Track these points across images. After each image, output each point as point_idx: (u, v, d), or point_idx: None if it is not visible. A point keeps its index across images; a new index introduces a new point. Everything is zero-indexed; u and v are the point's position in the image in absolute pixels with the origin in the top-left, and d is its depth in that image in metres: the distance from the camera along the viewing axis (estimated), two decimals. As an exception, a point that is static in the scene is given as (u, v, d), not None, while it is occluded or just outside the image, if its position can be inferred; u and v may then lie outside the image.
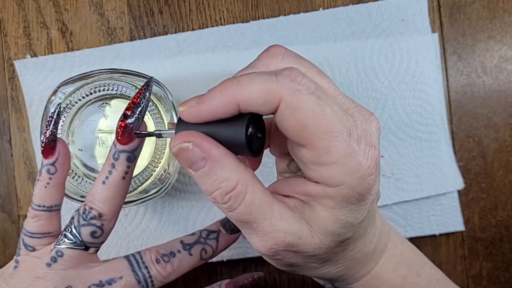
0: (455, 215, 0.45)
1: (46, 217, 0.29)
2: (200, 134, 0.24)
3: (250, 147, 0.24)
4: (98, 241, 0.29)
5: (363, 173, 0.23)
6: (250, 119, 0.23)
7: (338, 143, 0.23)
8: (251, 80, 0.23)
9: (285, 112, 0.22)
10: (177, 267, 0.30)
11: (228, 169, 0.24)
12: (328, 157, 0.23)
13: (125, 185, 0.28)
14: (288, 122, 0.23)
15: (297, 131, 0.23)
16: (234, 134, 0.23)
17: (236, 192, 0.24)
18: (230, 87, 0.23)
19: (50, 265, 0.28)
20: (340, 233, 0.25)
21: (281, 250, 0.25)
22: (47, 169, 0.29)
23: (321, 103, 0.23)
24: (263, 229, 0.25)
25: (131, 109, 0.26)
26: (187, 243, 0.31)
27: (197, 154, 0.24)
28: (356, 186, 0.23)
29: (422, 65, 0.44)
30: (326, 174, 0.23)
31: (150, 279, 0.29)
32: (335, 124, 0.23)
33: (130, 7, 0.44)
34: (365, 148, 0.23)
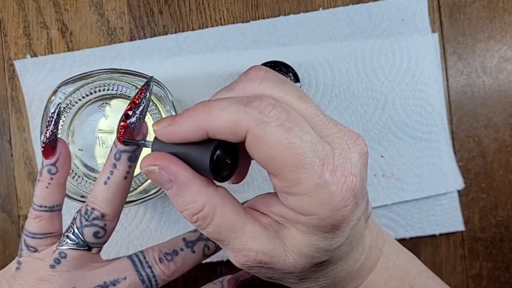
0: (455, 215, 0.45)
1: (48, 217, 0.29)
2: (168, 156, 0.24)
3: (216, 172, 0.24)
4: (101, 241, 0.29)
5: (335, 205, 0.23)
6: (217, 146, 0.24)
7: (308, 175, 0.22)
8: (221, 108, 0.23)
9: (252, 143, 0.23)
10: (181, 265, 0.30)
11: (194, 192, 0.24)
12: (298, 189, 0.23)
13: (126, 185, 0.28)
14: (257, 153, 0.23)
15: (266, 163, 0.23)
16: (200, 158, 0.24)
17: (203, 215, 0.24)
18: (200, 113, 0.23)
19: (54, 266, 0.28)
20: (314, 256, 0.25)
21: (254, 266, 0.26)
22: (48, 169, 0.29)
23: (290, 135, 0.22)
24: (234, 247, 0.25)
25: (132, 109, 0.26)
26: (190, 240, 0.31)
27: (164, 177, 0.24)
28: (327, 217, 0.23)
29: (422, 65, 0.44)
30: (296, 204, 0.23)
31: (154, 279, 0.29)
32: (305, 155, 0.22)
33: (130, 7, 0.44)
34: (340, 179, 0.23)
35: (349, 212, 0.24)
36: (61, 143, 0.29)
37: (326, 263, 0.26)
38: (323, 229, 0.24)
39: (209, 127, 0.23)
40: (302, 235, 0.24)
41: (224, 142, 0.24)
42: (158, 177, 0.24)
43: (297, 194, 0.23)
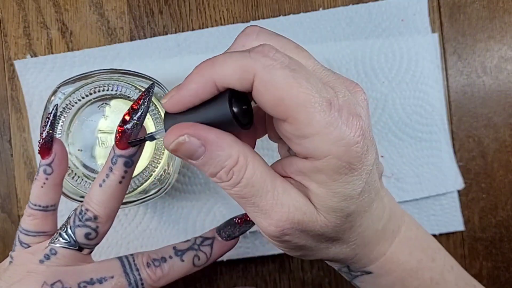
0: (455, 215, 0.45)
1: (41, 216, 0.29)
2: (191, 123, 0.24)
3: (238, 121, 0.24)
4: (92, 243, 0.29)
5: (348, 141, 0.23)
6: (230, 94, 0.23)
7: (317, 114, 0.22)
8: (225, 58, 0.23)
9: (260, 87, 0.22)
10: (168, 272, 0.30)
11: (227, 147, 0.24)
12: (309, 129, 0.23)
13: (121, 189, 0.28)
14: (265, 98, 0.23)
15: (274, 106, 0.23)
16: (219, 112, 0.23)
17: (239, 166, 0.24)
18: (205, 67, 0.23)
19: (43, 261, 0.28)
20: (342, 207, 0.25)
21: (287, 229, 0.25)
22: (44, 170, 0.29)
23: (296, 75, 0.22)
24: (266, 203, 0.24)
25: (130, 115, 0.26)
26: (180, 249, 0.31)
27: (195, 143, 0.24)
28: (342, 155, 0.23)
29: (422, 65, 0.44)
30: (310, 146, 0.23)
31: (140, 282, 0.29)
32: (312, 95, 0.22)
33: (130, 7, 0.44)
34: (347, 117, 0.23)
35: (362, 150, 0.23)
36: (57, 144, 0.29)
37: (354, 215, 0.26)
38: (341, 170, 0.24)
39: (217, 78, 0.23)
40: (324, 187, 0.24)
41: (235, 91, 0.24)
42: (188, 146, 0.24)
43: (309, 136, 0.23)
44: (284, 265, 0.45)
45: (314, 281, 0.45)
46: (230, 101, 0.23)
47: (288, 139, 0.24)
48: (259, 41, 0.25)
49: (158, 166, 0.35)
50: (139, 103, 0.27)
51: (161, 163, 0.35)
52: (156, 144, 0.35)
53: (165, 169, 0.36)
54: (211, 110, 0.24)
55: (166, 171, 0.36)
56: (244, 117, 0.24)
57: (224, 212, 0.44)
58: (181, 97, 0.24)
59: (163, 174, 0.36)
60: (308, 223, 0.25)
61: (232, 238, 0.32)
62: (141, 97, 0.27)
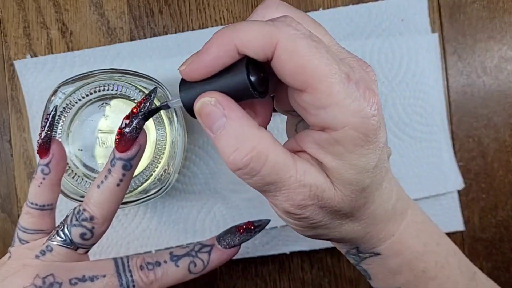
0: (455, 215, 0.45)
1: (38, 215, 0.30)
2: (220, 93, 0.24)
3: (255, 88, 0.24)
4: (87, 243, 0.29)
5: (365, 113, 0.23)
6: (248, 61, 0.23)
7: (337, 85, 0.22)
8: (248, 25, 0.23)
9: (282, 56, 0.23)
10: (161, 277, 0.30)
11: (247, 129, 0.23)
12: (329, 99, 0.23)
13: (119, 192, 0.28)
14: (286, 66, 0.23)
15: (296, 75, 0.23)
16: (237, 79, 0.23)
17: (258, 153, 0.23)
18: (227, 32, 0.23)
19: (38, 257, 0.29)
20: (357, 180, 0.25)
21: (308, 205, 0.25)
22: (41, 169, 0.29)
23: (319, 46, 0.23)
24: (289, 186, 0.24)
25: (130, 118, 0.27)
26: (176, 255, 0.31)
27: (219, 111, 0.23)
28: (359, 126, 0.23)
29: (422, 65, 0.44)
30: (328, 116, 0.23)
31: (132, 283, 0.29)
32: (333, 66, 0.23)
33: (130, 7, 0.44)
34: (364, 91, 0.23)
35: (377, 124, 0.24)
36: (56, 145, 0.29)
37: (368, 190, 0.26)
38: (358, 142, 0.24)
39: (239, 42, 0.23)
40: (340, 159, 0.24)
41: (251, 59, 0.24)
42: (212, 111, 0.23)
43: (328, 106, 0.23)
44: (284, 265, 0.45)
45: (314, 281, 0.45)
46: (247, 69, 0.23)
47: (305, 110, 0.24)
48: (279, 13, 0.25)
49: (158, 166, 0.35)
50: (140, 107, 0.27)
51: (161, 163, 0.35)
52: (157, 144, 0.35)
53: (165, 169, 0.36)
54: (228, 78, 0.24)
55: (166, 171, 0.36)
56: (261, 85, 0.24)
57: (224, 212, 0.44)
58: (200, 63, 0.24)
59: (163, 174, 0.36)
60: (327, 199, 0.25)
61: (232, 246, 0.32)
62: (142, 101, 0.27)
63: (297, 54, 0.22)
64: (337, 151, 0.24)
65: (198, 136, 0.44)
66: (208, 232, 0.44)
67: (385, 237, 0.29)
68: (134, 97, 0.35)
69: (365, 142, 0.24)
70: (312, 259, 0.45)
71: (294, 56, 0.22)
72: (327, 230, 0.27)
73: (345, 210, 0.26)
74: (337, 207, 0.26)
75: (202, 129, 0.43)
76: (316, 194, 0.25)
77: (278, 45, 0.23)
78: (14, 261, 0.29)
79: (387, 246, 0.30)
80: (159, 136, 0.35)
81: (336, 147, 0.24)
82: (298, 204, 0.25)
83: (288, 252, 0.44)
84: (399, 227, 0.30)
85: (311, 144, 0.25)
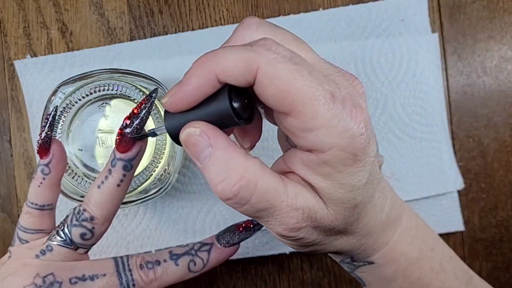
0: (455, 215, 0.45)
1: (38, 215, 0.30)
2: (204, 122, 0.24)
3: (239, 115, 0.23)
4: (87, 243, 0.29)
5: (352, 133, 0.23)
6: (230, 89, 0.23)
7: (322, 106, 0.22)
8: (227, 51, 0.23)
9: (264, 81, 0.22)
10: (160, 275, 0.30)
11: (234, 158, 0.23)
12: (314, 121, 0.22)
13: (120, 192, 0.28)
14: (268, 92, 0.22)
15: (279, 99, 0.22)
16: (219, 107, 0.23)
17: (247, 182, 0.23)
18: (206, 61, 0.23)
19: (38, 257, 0.29)
20: (349, 198, 0.25)
21: (302, 227, 0.25)
22: (41, 169, 0.29)
23: (300, 68, 0.22)
24: (281, 211, 0.24)
25: (130, 119, 0.27)
26: (175, 254, 0.31)
27: (204, 141, 0.23)
28: (347, 147, 0.23)
29: (422, 65, 0.44)
30: (315, 139, 0.23)
31: (132, 282, 0.29)
32: (316, 88, 0.22)
33: (130, 7, 0.44)
34: (351, 109, 0.23)
35: (365, 141, 0.23)
36: (56, 145, 0.29)
37: (361, 206, 0.26)
38: (347, 161, 0.23)
39: (219, 71, 0.22)
40: (330, 180, 0.24)
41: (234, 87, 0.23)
42: (198, 141, 0.23)
43: (314, 129, 0.23)
44: (284, 265, 0.45)
45: (313, 281, 0.45)
46: (230, 97, 0.23)
47: (292, 133, 0.24)
48: (259, 33, 0.25)
49: (158, 166, 0.35)
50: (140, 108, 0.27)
51: (161, 163, 0.35)
52: (156, 144, 0.35)
53: (165, 169, 0.36)
54: (211, 107, 0.23)
55: (166, 171, 0.36)
56: (245, 111, 0.24)
57: (224, 212, 0.44)
58: (182, 94, 0.23)
59: (163, 174, 0.36)
60: (320, 219, 0.25)
61: (231, 245, 0.32)
62: (142, 102, 0.27)
63: (278, 79, 0.22)
64: (325, 172, 0.24)
65: (198, 136, 0.43)
66: (208, 232, 0.44)
67: (379, 246, 0.29)
68: (134, 97, 0.35)
69: (354, 161, 0.24)
70: (312, 259, 0.45)
71: (276, 81, 0.22)
72: (323, 246, 0.27)
73: (339, 227, 0.26)
74: (330, 225, 0.25)
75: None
76: (309, 216, 0.25)
77: (258, 70, 0.22)
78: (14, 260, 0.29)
79: (381, 255, 0.30)
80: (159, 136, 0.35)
81: (325, 168, 0.24)
82: (292, 228, 0.25)
83: (288, 252, 0.44)
84: (393, 235, 0.30)
85: (299, 165, 0.25)
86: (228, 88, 0.23)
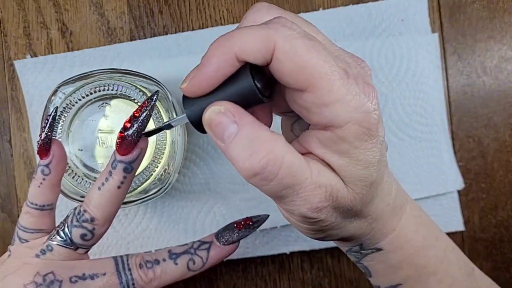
0: (455, 215, 0.45)
1: (38, 215, 0.30)
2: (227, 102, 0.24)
3: (262, 93, 0.24)
4: (87, 243, 0.29)
5: (366, 108, 0.23)
6: (251, 66, 0.23)
7: (337, 81, 0.23)
8: (244, 30, 0.23)
9: (281, 57, 0.23)
10: (160, 275, 0.30)
11: (261, 133, 0.23)
12: (330, 96, 0.23)
13: (120, 194, 0.28)
14: (285, 67, 0.23)
15: (296, 75, 0.23)
16: (243, 86, 0.23)
17: (275, 155, 0.23)
18: (224, 41, 0.23)
19: (39, 256, 0.29)
20: (366, 175, 0.25)
21: (324, 207, 0.25)
22: (42, 170, 0.29)
23: (315, 44, 0.23)
24: (306, 189, 0.24)
25: (131, 122, 0.26)
26: (174, 253, 0.31)
27: (229, 118, 0.23)
28: (362, 121, 0.23)
29: (422, 65, 0.44)
30: (331, 114, 0.23)
31: (131, 282, 0.29)
32: (331, 63, 0.23)
33: (130, 7, 0.44)
34: (363, 86, 0.24)
35: (378, 118, 0.24)
36: (56, 146, 0.29)
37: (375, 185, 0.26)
38: (362, 136, 0.24)
39: (238, 49, 0.23)
40: (347, 157, 0.24)
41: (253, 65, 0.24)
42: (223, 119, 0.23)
43: (330, 104, 0.23)
44: (284, 265, 0.45)
45: (314, 281, 0.45)
46: (251, 73, 0.23)
47: (307, 110, 0.24)
48: (270, 15, 0.25)
49: (158, 166, 0.35)
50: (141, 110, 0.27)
51: (161, 163, 0.35)
52: (157, 144, 0.35)
53: (165, 168, 0.36)
54: (233, 87, 0.23)
55: (167, 171, 0.36)
56: (266, 89, 0.24)
57: (224, 212, 0.44)
58: (202, 77, 0.23)
59: (164, 173, 0.36)
60: (341, 199, 0.25)
61: (231, 243, 0.32)
62: (143, 105, 0.27)
63: (295, 54, 0.22)
64: (342, 149, 0.24)
65: (198, 136, 0.44)
66: (208, 232, 0.44)
67: (387, 232, 0.30)
68: (134, 97, 0.35)
69: (369, 137, 0.24)
70: (312, 259, 0.45)
71: (293, 57, 0.22)
72: (338, 231, 0.28)
73: (356, 208, 0.26)
74: (349, 205, 0.26)
75: (202, 129, 0.43)
76: (331, 194, 0.25)
77: (276, 47, 0.23)
78: (14, 259, 0.29)
79: (388, 241, 0.30)
80: (159, 136, 0.35)
81: (341, 144, 0.24)
82: (315, 207, 0.25)
83: (288, 252, 0.44)
84: (399, 222, 0.30)
85: (315, 144, 0.25)
86: (249, 67, 0.23)
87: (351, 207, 0.26)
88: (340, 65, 0.23)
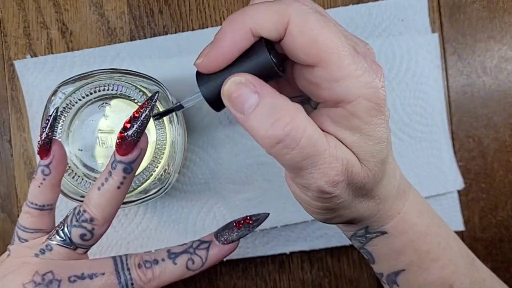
0: (455, 215, 0.45)
1: (38, 214, 0.30)
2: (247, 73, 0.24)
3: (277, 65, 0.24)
4: (87, 243, 0.29)
5: (375, 84, 0.24)
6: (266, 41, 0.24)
7: (348, 57, 0.23)
8: (258, 5, 0.24)
9: (294, 31, 0.23)
10: (159, 275, 0.30)
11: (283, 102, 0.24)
12: (341, 71, 0.23)
13: (120, 194, 0.28)
14: (298, 42, 0.23)
15: (308, 49, 0.23)
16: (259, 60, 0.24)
17: (297, 123, 0.23)
18: (239, 16, 0.24)
19: (38, 255, 0.29)
20: (378, 151, 0.26)
21: (340, 182, 0.25)
22: (42, 170, 0.29)
23: (327, 19, 0.23)
24: (324, 160, 0.24)
25: (131, 122, 0.27)
26: (173, 252, 0.31)
27: (249, 89, 0.23)
28: (372, 96, 0.24)
29: (422, 65, 0.44)
30: (341, 88, 0.24)
31: (130, 281, 0.29)
32: (342, 39, 0.23)
33: (130, 7, 0.44)
34: (371, 63, 0.24)
35: (385, 95, 0.25)
36: (56, 146, 0.29)
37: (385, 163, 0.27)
38: (372, 112, 0.24)
39: (252, 24, 0.23)
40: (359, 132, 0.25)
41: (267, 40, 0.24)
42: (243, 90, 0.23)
43: (340, 78, 0.23)
44: (284, 265, 0.45)
45: (314, 281, 0.45)
46: (268, 48, 0.24)
47: (317, 85, 0.24)
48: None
49: (158, 166, 0.35)
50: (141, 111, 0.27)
51: (161, 163, 0.35)
52: (157, 144, 0.35)
53: (165, 168, 0.36)
54: (249, 61, 0.24)
55: (167, 171, 0.36)
56: (281, 63, 0.25)
57: (224, 212, 0.44)
58: (220, 50, 0.24)
59: (164, 173, 0.36)
60: (355, 174, 0.26)
61: (230, 242, 0.32)
62: (143, 105, 0.27)
63: (308, 28, 0.23)
64: (353, 125, 0.25)
65: (198, 136, 0.44)
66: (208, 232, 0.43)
67: (392, 214, 0.30)
68: (134, 97, 0.35)
69: (378, 112, 0.25)
70: (312, 259, 0.45)
71: (306, 31, 0.23)
72: (348, 211, 0.28)
73: (368, 185, 0.27)
74: (362, 182, 0.26)
75: (202, 129, 0.43)
76: (347, 168, 0.25)
77: (290, 21, 0.23)
78: (13, 258, 0.29)
79: (393, 225, 0.30)
80: (159, 136, 0.35)
81: (352, 120, 0.24)
82: (332, 180, 0.25)
83: (288, 252, 0.44)
84: (403, 206, 0.30)
85: (327, 123, 0.25)
86: (264, 41, 0.24)
87: (363, 184, 0.26)
88: (349, 42, 0.24)
